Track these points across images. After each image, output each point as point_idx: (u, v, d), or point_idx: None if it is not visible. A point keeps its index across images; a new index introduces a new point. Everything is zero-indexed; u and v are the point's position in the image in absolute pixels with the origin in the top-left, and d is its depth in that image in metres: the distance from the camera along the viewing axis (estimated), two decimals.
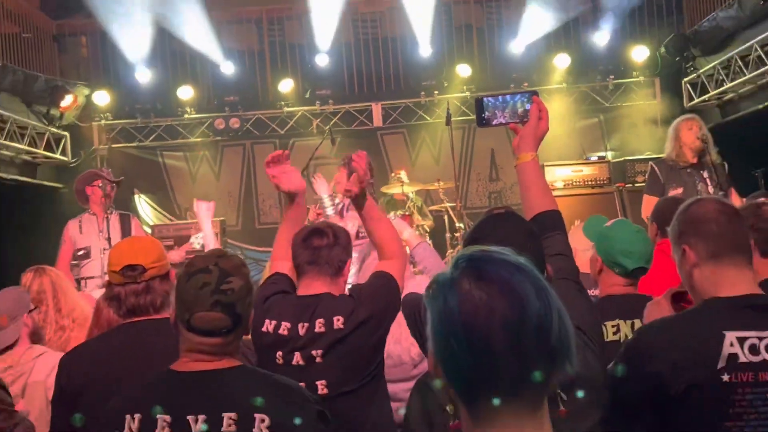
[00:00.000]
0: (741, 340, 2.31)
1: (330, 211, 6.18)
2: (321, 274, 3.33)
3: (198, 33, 10.81)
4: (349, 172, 3.52)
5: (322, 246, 3.33)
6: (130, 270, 2.92)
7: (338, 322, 3.19)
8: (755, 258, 3.14)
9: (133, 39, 10.61)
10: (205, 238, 5.13)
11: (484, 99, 2.50)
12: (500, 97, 2.49)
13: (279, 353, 3.19)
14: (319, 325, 3.19)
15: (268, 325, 3.22)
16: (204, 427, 2.16)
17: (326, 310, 3.23)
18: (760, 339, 2.31)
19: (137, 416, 2.20)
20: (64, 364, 3.00)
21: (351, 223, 5.81)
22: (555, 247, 2.32)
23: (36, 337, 3.80)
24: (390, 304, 3.32)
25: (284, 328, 3.21)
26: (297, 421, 2.22)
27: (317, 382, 3.13)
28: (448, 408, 1.37)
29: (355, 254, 4.61)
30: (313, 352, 3.17)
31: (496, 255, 1.34)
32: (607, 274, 3.29)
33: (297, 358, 3.17)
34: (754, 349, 2.30)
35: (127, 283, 2.93)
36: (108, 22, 10.28)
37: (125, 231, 6.95)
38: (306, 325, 3.20)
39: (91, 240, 6.82)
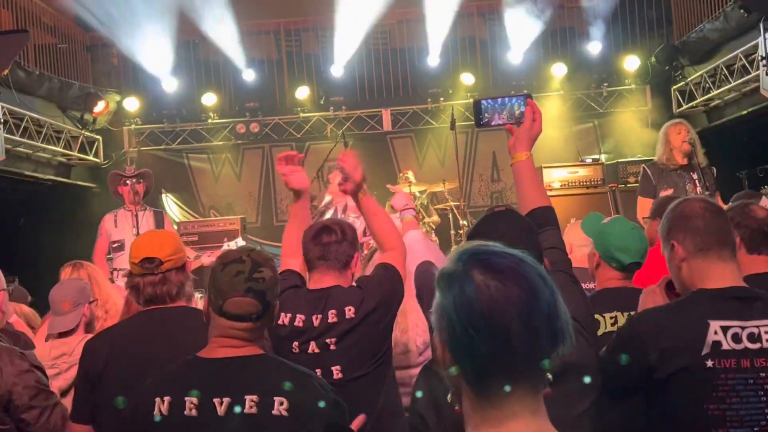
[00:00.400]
0: (724, 329, 2.32)
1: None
2: (330, 268, 3.35)
3: (221, 43, 10.85)
4: (342, 172, 3.53)
5: (330, 242, 3.35)
6: (148, 262, 2.95)
7: (349, 312, 3.21)
8: (742, 254, 3.16)
9: (160, 49, 10.65)
10: None
11: (482, 102, 2.51)
12: (497, 100, 2.50)
13: (295, 343, 3.21)
14: (331, 316, 3.21)
15: (284, 318, 3.22)
16: (238, 408, 2.18)
17: (337, 302, 3.25)
18: (743, 328, 2.32)
19: (167, 399, 2.22)
20: (87, 348, 3.02)
21: (358, 222, 5.83)
22: (549, 240, 2.33)
23: (90, 328, 3.85)
24: (394, 293, 3.34)
25: (299, 320, 3.22)
26: (317, 404, 2.24)
27: (332, 368, 3.15)
28: (449, 397, 1.38)
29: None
30: (327, 341, 3.19)
31: (497, 248, 1.34)
32: (604, 269, 3.29)
33: (312, 347, 3.19)
34: (736, 338, 2.31)
35: (145, 274, 2.96)
36: (138, 34, 10.32)
37: (158, 226, 7.00)
38: (319, 316, 3.21)
39: (125, 234, 6.87)
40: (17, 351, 3.06)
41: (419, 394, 2.21)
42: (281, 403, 2.20)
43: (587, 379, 2.14)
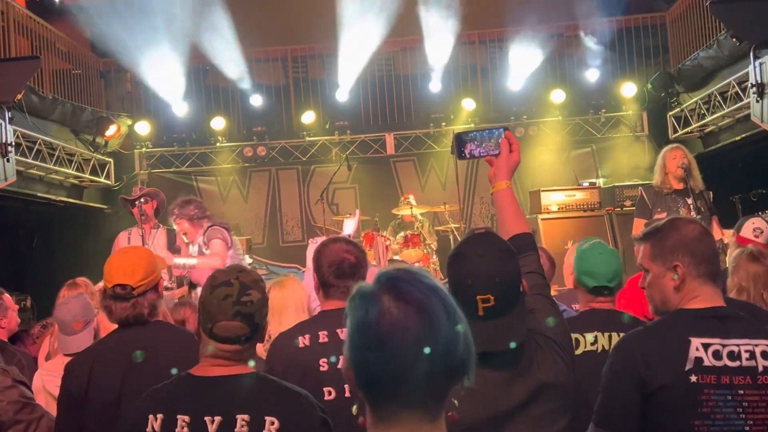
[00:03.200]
0: (705, 346, 2.33)
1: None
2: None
3: (230, 70, 10.94)
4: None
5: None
6: (120, 288, 2.96)
7: None
8: None
9: (171, 75, 10.73)
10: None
11: (462, 135, 2.53)
12: (476, 132, 2.52)
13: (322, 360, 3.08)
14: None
15: (303, 341, 3.10)
16: (228, 427, 2.17)
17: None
18: (723, 346, 2.33)
19: (159, 416, 2.22)
20: (69, 368, 3.01)
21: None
22: (529, 265, 2.35)
23: (96, 338, 3.83)
24: None
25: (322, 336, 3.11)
26: (308, 423, 2.23)
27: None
28: (353, 408, 1.39)
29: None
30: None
31: (415, 276, 1.35)
32: (579, 291, 3.36)
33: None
34: (717, 355, 2.32)
35: (117, 298, 2.97)
36: (150, 61, 10.42)
37: (171, 244, 7.04)
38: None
39: None
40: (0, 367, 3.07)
41: None
42: (272, 423, 2.18)
43: (563, 399, 2.15)
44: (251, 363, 2.35)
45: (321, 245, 3.27)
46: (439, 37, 10.88)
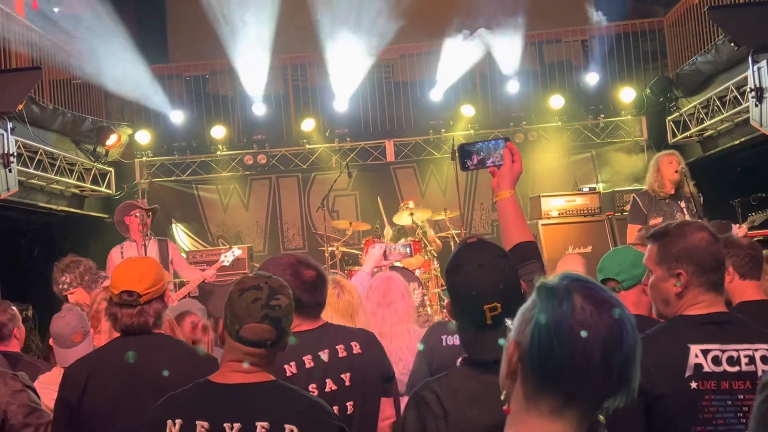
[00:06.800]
0: (705, 352, 2.34)
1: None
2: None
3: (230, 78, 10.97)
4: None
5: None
6: (128, 295, 2.96)
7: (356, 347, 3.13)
8: (736, 281, 3.22)
9: (171, 84, 10.76)
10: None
11: (465, 146, 2.55)
12: (479, 144, 2.54)
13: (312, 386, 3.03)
14: (340, 351, 3.07)
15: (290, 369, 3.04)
16: None
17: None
18: (723, 351, 2.34)
19: (178, 421, 2.22)
20: (66, 375, 3.01)
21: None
22: (533, 273, 2.36)
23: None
24: None
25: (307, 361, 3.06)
26: None
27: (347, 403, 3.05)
28: (502, 395, 1.40)
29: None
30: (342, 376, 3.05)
31: (599, 285, 1.37)
32: None
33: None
34: (716, 361, 2.33)
35: (123, 305, 2.97)
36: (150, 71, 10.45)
37: (162, 254, 7.01)
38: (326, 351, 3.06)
39: None
40: (9, 372, 3.08)
41: (408, 420, 2.20)
42: (292, 431, 2.20)
43: None
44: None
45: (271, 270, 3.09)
46: (438, 43, 10.91)
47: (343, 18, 10.49)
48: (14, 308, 4.54)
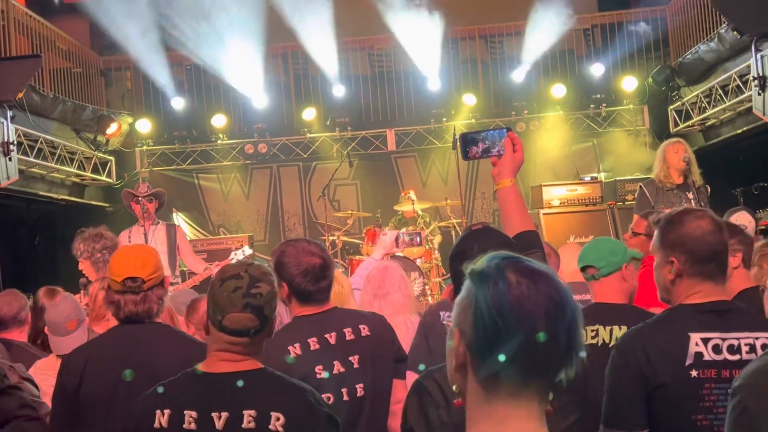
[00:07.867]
0: (705, 341, 2.34)
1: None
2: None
3: (231, 67, 10.92)
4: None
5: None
6: (131, 281, 2.94)
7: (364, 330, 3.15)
8: (740, 270, 3.21)
9: (171, 73, 10.73)
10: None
11: (467, 135, 2.55)
12: (481, 133, 2.54)
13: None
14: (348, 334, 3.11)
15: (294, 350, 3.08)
16: (236, 423, 2.19)
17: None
18: (723, 340, 2.34)
19: (167, 411, 2.23)
20: (64, 363, 3.01)
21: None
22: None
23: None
24: None
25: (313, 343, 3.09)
26: (314, 420, 2.25)
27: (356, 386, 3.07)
28: (454, 387, 1.38)
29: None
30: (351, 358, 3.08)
31: (527, 259, 1.37)
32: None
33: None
34: (717, 349, 2.33)
35: (126, 292, 2.96)
36: (149, 59, 10.41)
37: (170, 240, 7.04)
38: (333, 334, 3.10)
39: None
40: (6, 364, 3.08)
41: (409, 408, 2.20)
42: (278, 419, 2.20)
43: (573, 395, 2.15)
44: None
45: (280, 254, 3.20)
46: (438, 32, 10.87)
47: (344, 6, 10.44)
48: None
